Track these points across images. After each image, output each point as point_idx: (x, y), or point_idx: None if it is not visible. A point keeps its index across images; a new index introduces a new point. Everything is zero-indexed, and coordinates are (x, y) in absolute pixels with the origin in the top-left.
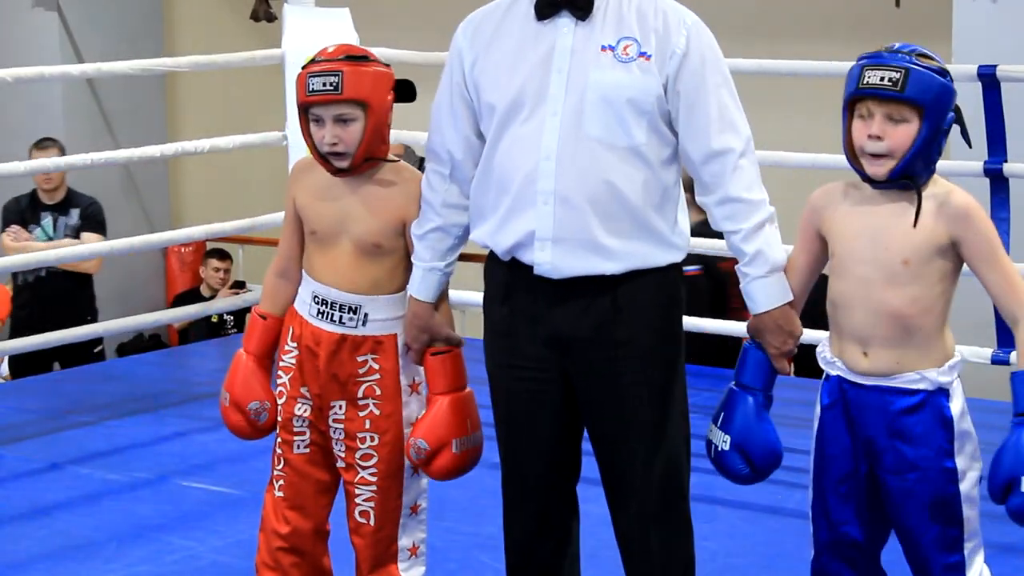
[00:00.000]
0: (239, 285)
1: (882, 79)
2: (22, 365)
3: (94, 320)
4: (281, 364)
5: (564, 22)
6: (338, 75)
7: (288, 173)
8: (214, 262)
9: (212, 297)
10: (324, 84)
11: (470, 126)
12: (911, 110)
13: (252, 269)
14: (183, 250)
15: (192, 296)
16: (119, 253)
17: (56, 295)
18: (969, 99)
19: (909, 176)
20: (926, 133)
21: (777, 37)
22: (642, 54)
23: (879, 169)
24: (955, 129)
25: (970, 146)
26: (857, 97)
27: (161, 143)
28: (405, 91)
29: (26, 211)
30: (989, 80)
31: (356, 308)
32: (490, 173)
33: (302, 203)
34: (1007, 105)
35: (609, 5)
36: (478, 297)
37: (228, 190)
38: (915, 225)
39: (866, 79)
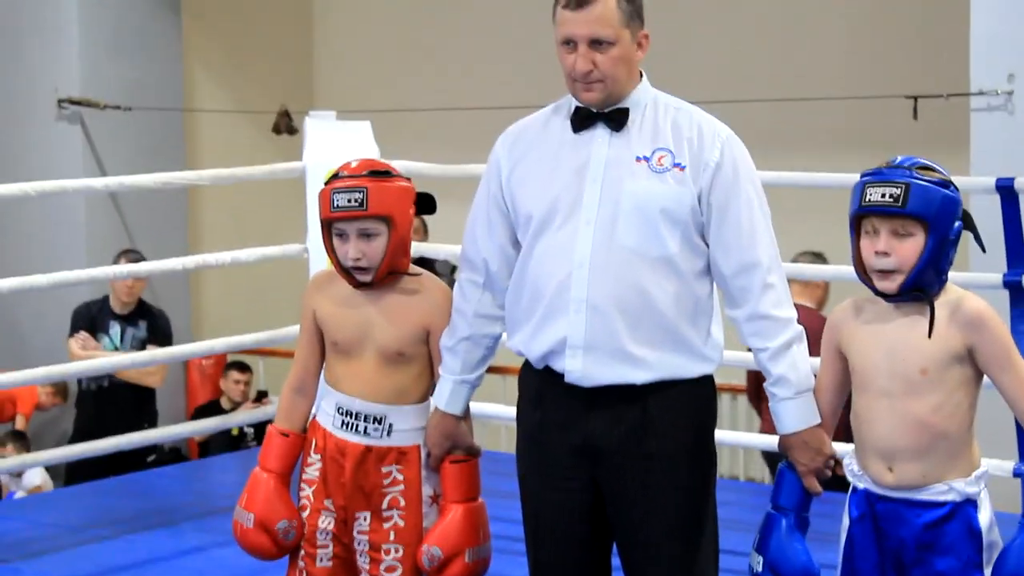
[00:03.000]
0: (262, 395)
1: (883, 196)
2: (77, 473)
3: (152, 426)
4: (304, 477)
5: (600, 133)
6: (363, 191)
7: None
8: (234, 374)
9: (232, 409)
10: (349, 200)
11: (506, 235)
12: (915, 224)
13: (274, 380)
14: (203, 362)
15: (213, 408)
16: (141, 365)
17: (117, 405)
18: (988, 211)
19: (920, 288)
20: (933, 245)
21: (796, 148)
22: (676, 165)
23: (889, 284)
24: (972, 242)
25: (983, 250)
26: (861, 215)
27: (182, 255)
28: (426, 204)
29: (96, 318)
30: (1007, 192)
31: (381, 418)
32: (524, 281)
33: (323, 314)
34: None
35: (645, 117)
36: (499, 409)
37: (249, 302)
38: (929, 336)
39: (868, 197)
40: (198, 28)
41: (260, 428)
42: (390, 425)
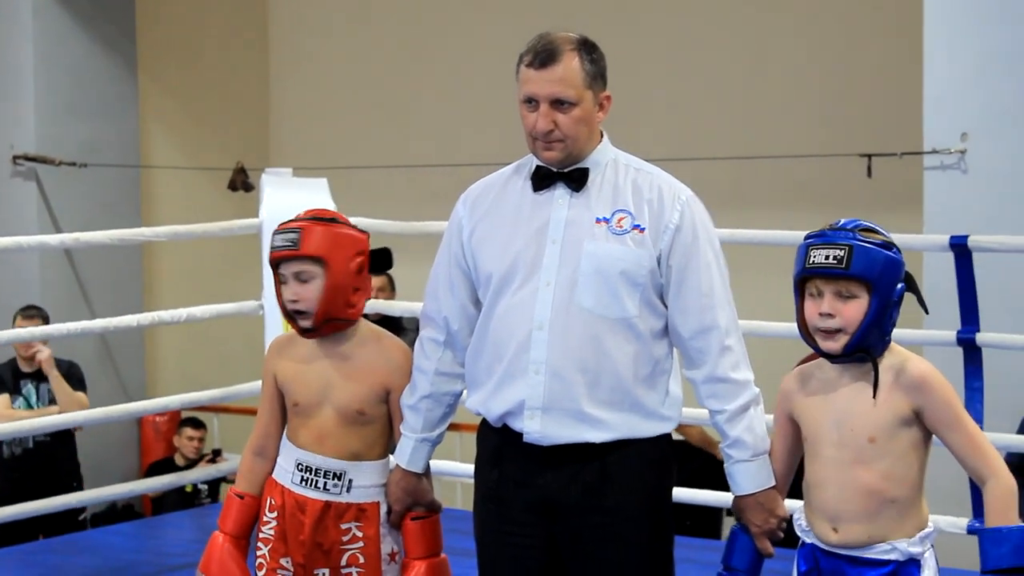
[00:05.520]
0: (216, 453)
1: (827, 257)
2: (6, 535)
3: (80, 486)
4: (260, 536)
5: (560, 194)
6: (297, 232)
7: (264, 342)
8: (188, 431)
9: (187, 466)
10: (284, 241)
11: (467, 294)
12: (859, 285)
13: (228, 437)
14: (157, 419)
15: (166, 465)
16: (95, 422)
17: (42, 465)
18: (941, 269)
19: (864, 349)
20: (876, 307)
21: (750, 206)
22: (636, 227)
23: (833, 345)
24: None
25: (927, 312)
26: (806, 276)
27: (137, 312)
28: (381, 259)
29: (7, 380)
30: (960, 250)
31: (341, 474)
32: (484, 341)
33: (284, 377)
34: (979, 275)
35: (605, 178)
36: (455, 466)
37: (204, 359)
38: (874, 397)
39: (812, 259)
40: (155, 86)
41: (214, 485)
42: (350, 481)
